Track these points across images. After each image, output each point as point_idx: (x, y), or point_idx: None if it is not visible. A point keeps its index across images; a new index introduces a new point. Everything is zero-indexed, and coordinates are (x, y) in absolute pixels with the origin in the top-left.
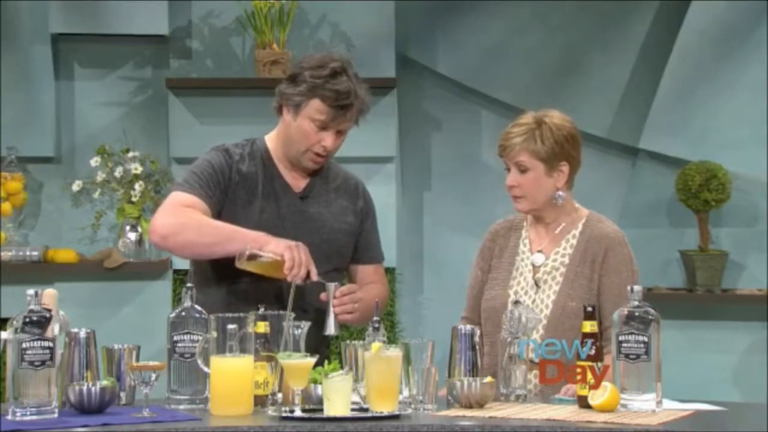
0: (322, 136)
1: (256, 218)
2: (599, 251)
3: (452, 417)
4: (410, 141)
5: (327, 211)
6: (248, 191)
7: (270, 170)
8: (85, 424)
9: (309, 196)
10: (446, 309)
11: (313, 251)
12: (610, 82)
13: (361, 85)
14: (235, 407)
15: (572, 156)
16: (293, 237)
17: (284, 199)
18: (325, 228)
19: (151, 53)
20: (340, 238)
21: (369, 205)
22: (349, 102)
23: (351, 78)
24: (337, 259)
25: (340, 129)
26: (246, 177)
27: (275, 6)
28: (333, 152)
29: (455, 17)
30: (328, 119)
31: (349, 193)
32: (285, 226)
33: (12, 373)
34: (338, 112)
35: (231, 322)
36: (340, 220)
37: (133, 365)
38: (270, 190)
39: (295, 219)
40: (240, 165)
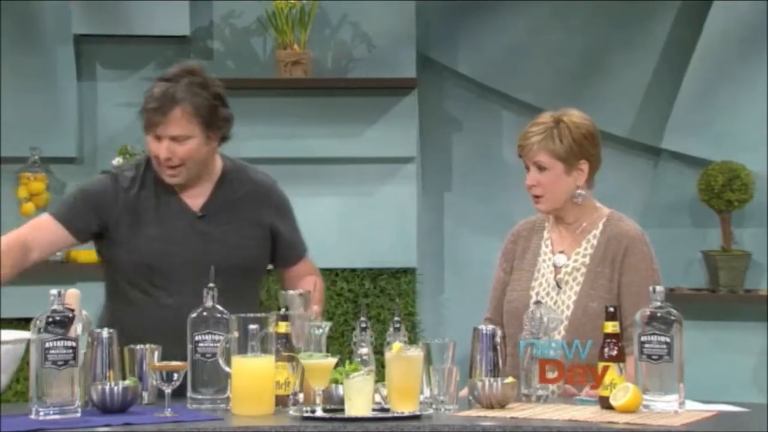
0: (157, 145)
1: (150, 246)
2: (619, 250)
3: (473, 417)
4: (431, 141)
5: (229, 228)
6: (139, 218)
7: (164, 192)
8: (108, 424)
9: (208, 214)
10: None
11: (218, 271)
12: (631, 82)
13: (197, 91)
14: (257, 407)
15: (591, 154)
16: (192, 260)
17: (181, 221)
18: (227, 245)
19: (172, 54)
20: (247, 253)
21: (281, 207)
22: (158, 105)
23: (177, 84)
24: (247, 273)
25: (171, 135)
26: (135, 203)
27: (296, 6)
28: (186, 161)
29: (476, 17)
30: (149, 125)
31: (256, 201)
32: (182, 251)
33: (35, 373)
34: (152, 116)
35: (252, 323)
36: (245, 235)
37: (155, 365)
38: (165, 214)
39: (192, 241)
40: (130, 191)
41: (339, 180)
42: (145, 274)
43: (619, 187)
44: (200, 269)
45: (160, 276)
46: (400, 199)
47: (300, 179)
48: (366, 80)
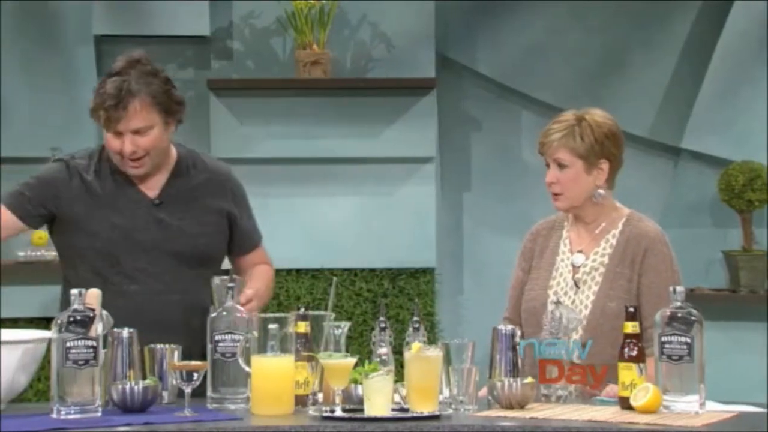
0: (120, 141)
1: (109, 233)
2: (638, 251)
3: (493, 417)
4: (450, 141)
5: (186, 215)
6: (96, 205)
7: (120, 180)
8: (128, 423)
9: (165, 201)
10: (486, 309)
11: (175, 258)
12: (651, 82)
13: (149, 80)
14: (276, 407)
15: (613, 154)
16: (150, 247)
17: (139, 209)
18: (184, 234)
19: (192, 54)
20: (203, 241)
21: (240, 198)
22: (114, 102)
23: (128, 76)
24: (206, 261)
25: (132, 129)
26: (91, 190)
27: (316, 6)
28: (150, 151)
29: (495, 17)
30: (110, 123)
31: (213, 190)
32: (140, 238)
33: (56, 372)
34: (112, 113)
35: (272, 322)
36: (203, 220)
37: (175, 364)
38: (124, 202)
39: (150, 228)
40: (85, 176)
41: (358, 180)
42: (107, 262)
43: (639, 187)
44: (161, 256)
45: (120, 263)
46: (419, 199)
47: (319, 179)
48: (385, 80)
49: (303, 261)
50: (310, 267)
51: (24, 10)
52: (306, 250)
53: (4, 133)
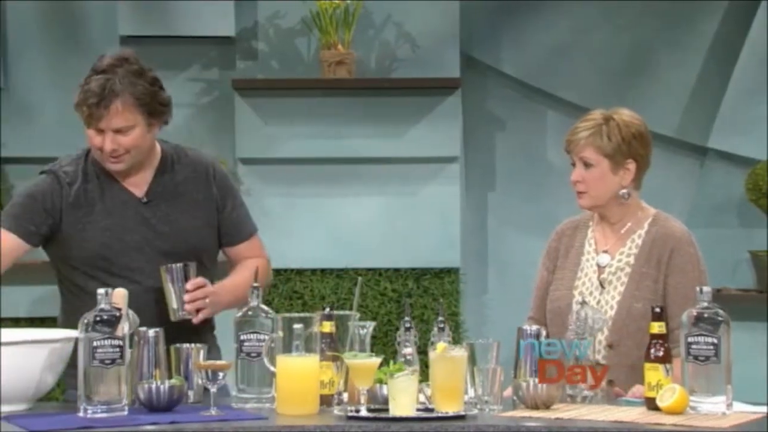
0: (100, 139)
1: (101, 237)
2: (665, 251)
3: (518, 418)
4: (474, 141)
5: (173, 210)
6: (87, 211)
7: (107, 183)
8: (155, 422)
9: (153, 199)
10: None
11: (168, 255)
12: (678, 81)
13: (135, 80)
14: (301, 406)
15: (640, 155)
16: (144, 245)
17: (128, 209)
18: (175, 229)
19: (217, 54)
20: (194, 234)
21: (225, 187)
22: (97, 100)
23: (114, 75)
24: (199, 256)
25: (114, 128)
26: (80, 197)
27: (340, 6)
28: (131, 149)
29: (520, 17)
30: (91, 120)
31: (198, 182)
32: (131, 238)
33: (83, 371)
34: (94, 111)
35: (297, 322)
36: (192, 215)
37: (200, 364)
38: (112, 204)
39: (141, 228)
40: (72, 186)
41: (383, 180)
42: (100, 265)
43: (666, 186)
44: (153, 255)
45: (115, 265)
46: (443, 199)
47: (344, 179)
48: (410, 80)
49: (328, 261)
50: (334, 267)
51: (51, 12)
52: (331, 250)
53: (32, 133)
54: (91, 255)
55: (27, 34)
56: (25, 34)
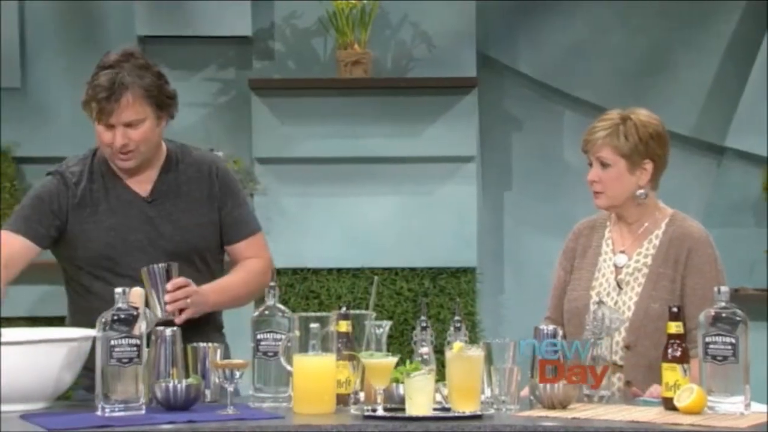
0: (111, 134)
1: (105, 237)
2: (682, 251)
3: (535, 417)
4: (491, 140)
5: (176, 209)
6: (91, 210)
7: (112, 182)
8: (172, 421)
9: (157, 198)
10: (527, 309)
11: (171, 255)
12: (695, 81)
13: (142, 74)
14: (318, 405)
15: (657, 155)
16: (147, 245)
17: (133, 209)
18: (178, 228)
19: (234, 54)
20: (198, 232)
21: (226, 185)
22: (107, 94)
23: (121, 69)
24: (198, 257)
25: (124, 122)
26: (86, 197)
27: (357, 6)
28: (140, 145)
29: (536, 16)
30: (102, 115)
31: (201, 181)
32: (135, 237)
33: (101, 370)
34: (104, 105)
35: (314, 322)
36: (195, 213)
37: (217, 363)
38: (116, 203)
39: (145, 227)
40: (78, 186)
41: (399, 179)
42: (105, 265)
43: (682, 186)
44: (157, 254)
45: (119, 265)
46: (460, 198)
47: (360, 179)
48: (426, 80)
49: (344, 260)
50: (351, 266)
51: (68, 13)
52: (347, 250)
53: (49, 133)
54: (95, 255)
55: (45, 35)
56: (43, 35)
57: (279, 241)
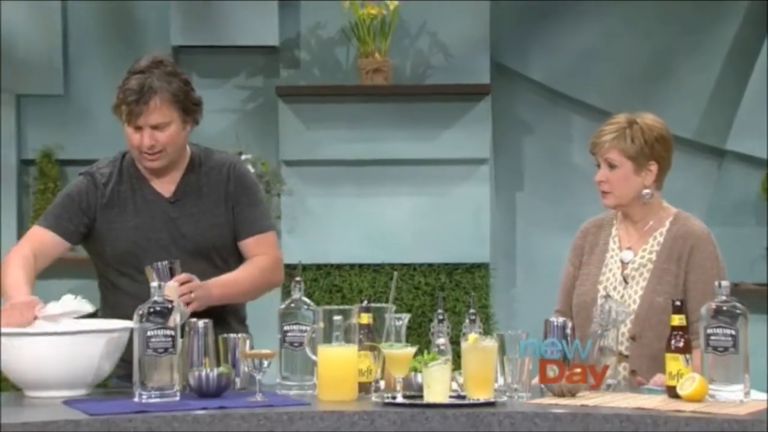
0: (139, 136)
1: (131, 235)
2: (685, 248)
3: (545, 405)
4: (504, 144)
5: (197, 210)
6: (119, 210)
7: (138, 183)
8: (204, 407)
9: (179, 199)
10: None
11: (191, 252)
12: (697, 86)
13: (170, 79)
14: (341, 393)
15: (662, 157)
16: (169, 244)
17: (156, 209)
18: (198, 227)
19: (262, 63)
20: (215, 232)
21: (241, 184)
22: (137, 97)
23: (150, 75)
24: (217, 255)
25: (152, 124)
26: (114, 197)
27: (378, 17)
28: (166, 147)
29: (546, 27)
30: (131, 117)
31: (219, 182)
32: (157, 236)
33: (138, 360)
34: (133, 108)
35: (337, 314)
36: (213, 213)
37: (246, 353)
38: (142, 204)
39: (168, 226)
40: (107, 186)
41: (417, 180)
42: (130, 262)
43: (685, 187)
44: (178, 252)
45: (143, 262)
46: (474, 199)
47: (380, 180)
48: (442, 86)
49: (365, 257)
50: (372, 262)
51: (109, 25)
52: (368, 247)
53: (90, 137)
54: (121, 252)
55: (86, 45)
56: (85, 45)
57: (304, 239)
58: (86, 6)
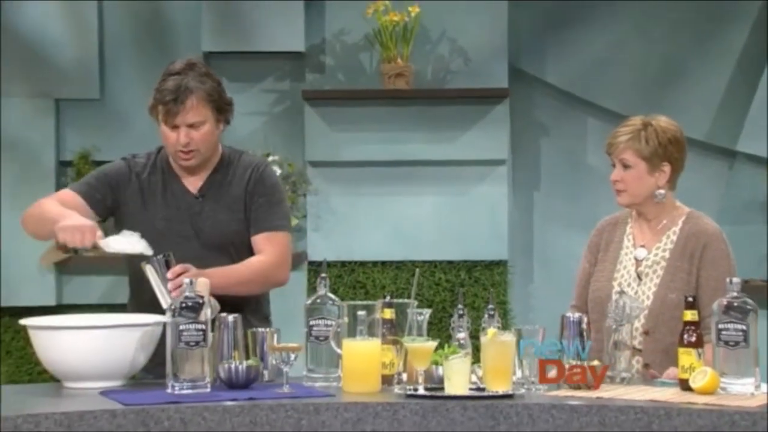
0: (175, 134)
1: (153, 223)
2: (698, 247)
3: (562, 397)
4: (521, 145)
5: (219, 206)
6: (147, 198)
7: (169, 177)
8: (234, 398)
9: (205, 194)
10: (554, 298)
11: (211, 247)
12: (708, 90)
13: (204, 80)
14: (365, 385)
15: (675, 158)
16: (193, 236)
17: (183, 203)
18: (219, 222)
19: (289, 68)
20: (234, 228)
21: (261, 183)
22: (174, 97)
23: (186, 76)
24: (235, 251)
25: (188, 123)
26: (145, 185)
27: (400, 24)
28: (200, 146)
29: (563, 32)
30: (168, 116)
31: (243, 181)
32: (180, 228)
33: (171, 352)
34: (171, 107)
35: (361, 309)
36: (234, 210)
37: (274, 346)
38: (170, 197)
39: (193, 219)
40: (142, 174)
41: (438, 181)
42: (155, 250)
43: (697, 187)
44: (199, 245)
45: (166, 250)
46: (492, 198)
47: (403, 180)
48: (462, 90)
49: (388, 254)
50: (394, 259)
51: (143, 31)
52: (391, 245)
53: (124, 139)
54: (148, 240)
55: (121, 52)
56: (120, 52)
57: (329, 237)
58: (121, 15)
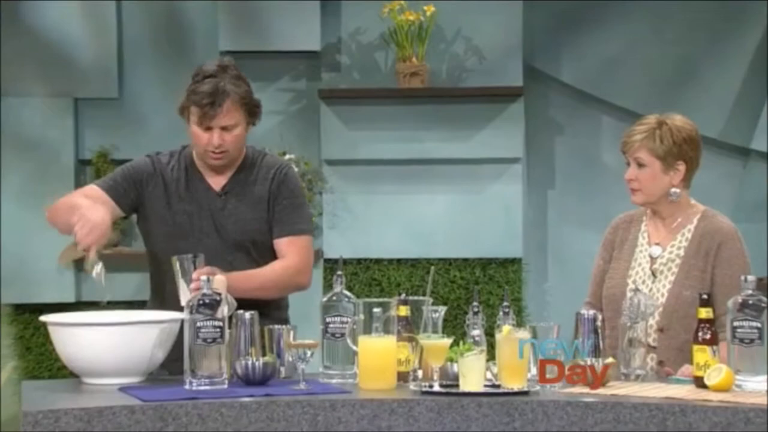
0: (208, 136)
1: (174, 218)
2: (713, 245)
3: (577, 394)
4: (536, 144)
5: (242, 204)
6: (170, 194)
7: (193, 175)
8: (251, 395)
9: (228, 192)
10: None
11: (231, 244)
12: (722, 89)
13: (238, 83)
14: (380, 382)
15: (690, 157)
16: (214, 232)
17: (205, 200)
18: (241, 220)
19: (305, 67)
20: (255, 227)
21: (284, 186)
22: (211, 100)
23: (222, 78)
24: (255, 249)
25: (222, 125)
26: (170, 182)
27: (415, 23)
28: (232, 147)
29: (577, 31)
30: (202, 118)
31: (265, 181)
32: (202, 224)
33: (188, 349)
34: (207, 110)
35: (376, 307)
36: (256, 209)
37: (290, 343)
38: (193, 193)
39: (215, 216)
40: (165, 171)
41: (453, 179)
42: (176, 245)
43: (711, 185)
44: (218, 243)
45: (186, 245)
46: (507, 196)
47: (418, 178)
48: (477, 89)
49: (404, 252)
50: (410, 257)
51: (161, 31)
52: (406, 242)
53: (143, 139)
54: (170, 234)
55: (139, 52)
56: (138, 51)
57: (345, 235)
58: (139, 16)
